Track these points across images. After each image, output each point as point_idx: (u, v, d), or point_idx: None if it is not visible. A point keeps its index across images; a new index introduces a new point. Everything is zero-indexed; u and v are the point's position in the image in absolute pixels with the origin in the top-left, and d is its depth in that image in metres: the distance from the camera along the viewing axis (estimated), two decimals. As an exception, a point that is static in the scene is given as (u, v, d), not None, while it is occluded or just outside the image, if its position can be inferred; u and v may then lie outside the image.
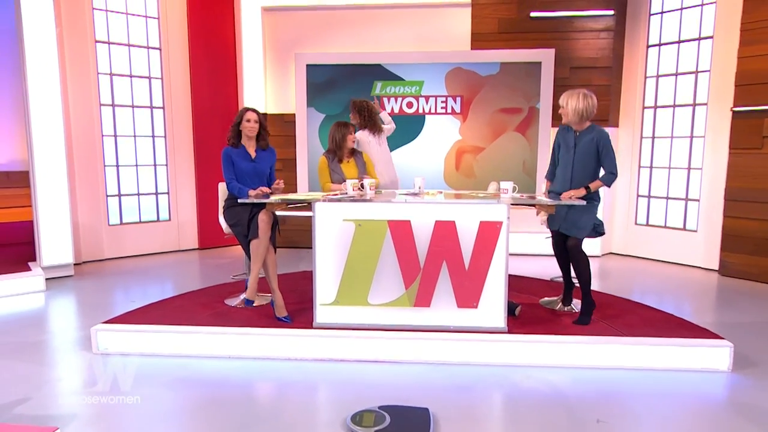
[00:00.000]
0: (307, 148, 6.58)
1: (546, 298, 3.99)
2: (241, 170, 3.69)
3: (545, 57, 6.11)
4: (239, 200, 3.54)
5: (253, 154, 3.79)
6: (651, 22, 6.18)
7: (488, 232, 3.21)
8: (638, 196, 6.42)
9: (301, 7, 6.57)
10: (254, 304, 3.72)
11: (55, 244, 5.11)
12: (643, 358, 3.06)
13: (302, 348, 3.21)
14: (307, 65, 6.49)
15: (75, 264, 5.66)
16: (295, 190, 6.66)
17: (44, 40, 4.93)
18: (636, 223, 6.45)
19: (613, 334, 3.19)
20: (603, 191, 3.82)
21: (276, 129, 6.76)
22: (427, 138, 6.43)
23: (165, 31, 6.32)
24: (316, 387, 2.92)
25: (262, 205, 3.52)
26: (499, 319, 3.26)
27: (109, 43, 5.99)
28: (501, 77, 6.24)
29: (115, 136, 6.12)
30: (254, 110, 3.76)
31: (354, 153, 4.28)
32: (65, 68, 5.59)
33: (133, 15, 6.15)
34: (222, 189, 4.01)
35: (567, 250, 3.56)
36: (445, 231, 3.23)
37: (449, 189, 6.35)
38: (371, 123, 4.57)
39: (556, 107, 4.95)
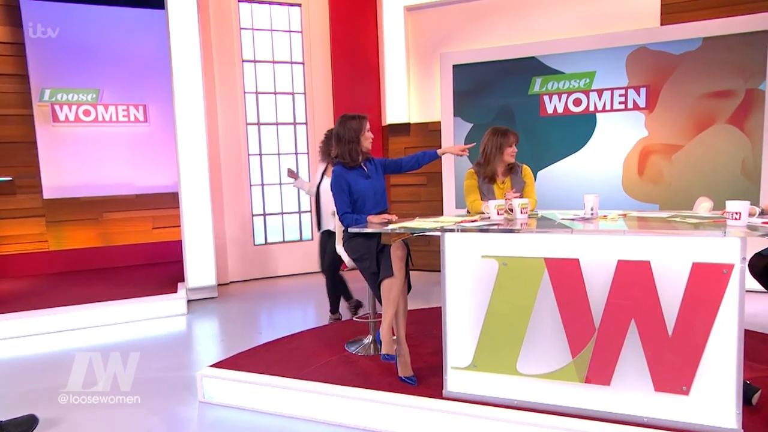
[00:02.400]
0: (455, 159, 5.81)
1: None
2: (360, 193, 3.04)
3: (775, 22, 4.51)
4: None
5: (366, 170, 3.13)
6: None
7: (708, 280, 2.08)
8: None
9: (445, 1, 5.86)
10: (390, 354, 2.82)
11: (199, 265, 5.11)
12: None
13: (428, 423, 2.43)
14: (454, 66, 5.75)
15: (222, 284, 5.68)
16: (440, 209, 5.93)
17: (190, 63, 4.98)
18: None
19: None
20: None
21: (419, 139, 6.13)
22: (600, 142, 5.20)
23: (308, 45, 6.13)
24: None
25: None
26: (727, 414, 2.10)
27: (255, 61, 5.97)
28: (703, 54, 4.77)
29: (261, 154, 6.06)
30: (366, 117, 3.11)
31: (512, 170, 3.36)
32: (214, 89, 5.66)
33: (277, 31, 6.06)
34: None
35: None
36: (633, 275, 2.19)
37: (631, 200, 5.04)
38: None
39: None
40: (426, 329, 3.54)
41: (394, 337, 2.79)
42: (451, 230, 2.46)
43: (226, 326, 4.43)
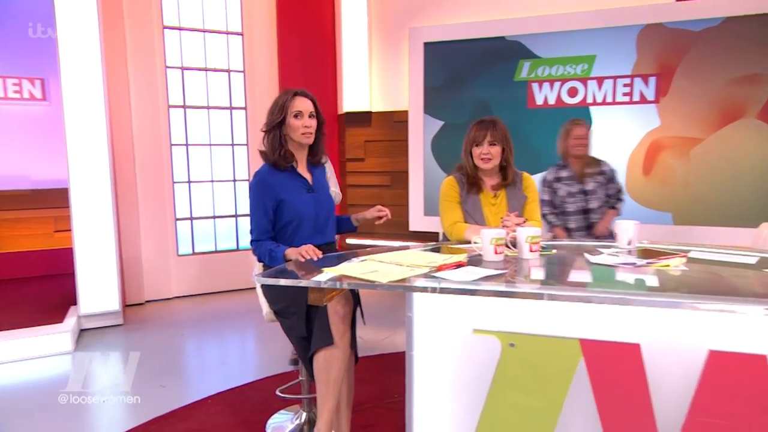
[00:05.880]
0: (424, 156, 4.85)
1: None
2: (294, 213, 2.04)
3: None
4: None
5: (308, 177, 2.12)
6: None
7: None
8: None
9: (417, -36, 4.88)
10: None
11: (97, 285, 3.97)
12: None
13: None
14: (425, 44, 4.77)
15: (135, 305, 4.58)
16: (406, 217, 4.96)
17: (84, 26, 3.81)
18: None
19: None
20: None
21: (383, 132, 5.15)
22: (598, 137, 4.33)
23: (248, 12, 5.01)
24: None
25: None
26: None
27: (180, 29, 4.82)
28: (727, 30, 3.94)
29: (187, 145, 4.93)
30: (306, 95, 2.08)
31: (507, 180, 2.33)
32: (125, 61, 4.50)
33: (210, -7, 4.93)
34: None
35: None
36: (738, 377, 1.27)
37: (638, 207, 4.20)
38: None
39: None
40: (384, 391, 2.57)
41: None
42: (423, 289, 1.47)
43: (122, 372, 3.33)
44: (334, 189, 3.02)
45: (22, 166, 5.30)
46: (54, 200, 5.43)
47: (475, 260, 1.77)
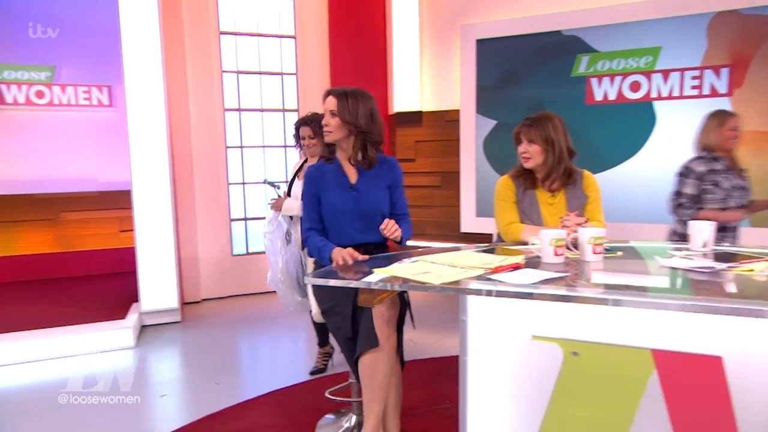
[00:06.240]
0: (476, 156, 4.74)
1: None
2: (330, 206, 2.04)
3: None
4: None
5: (353, 175, 2.09)
6: None
7: None
8: None
9: (469, -41, 4.78)
10: None
11: (157, 284, 4.12)
12: None
13: None
14: (478, 41, 4.67)
15: (192, 303, 4.73)
16: (456, 218, 4.87)
17: (146, 33, 3.96)
18: None
19: None
20: None
21: (434, 132, 5.08)
22: (664, 135, 4.09)
23: (301, 15, 5.07)
24: None
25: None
26: None
27: (236, 34, 4.94)
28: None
29: (242, 147, 5.04)
30: (332, 92, 2.05)
31: (570, 177, 2.20)
32: (185, 66, 4.65)
33: (264, -2, 5.02)
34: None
35: None
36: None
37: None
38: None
39: None
40: (435, 396, 2.50)
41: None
42: (478, 292, 1.40)
43: (180, 368, 3.44)
44: None
45: (91, 169, 5.59)
46: (119, 201, 5.69)
47: (533, 262, 1.67)
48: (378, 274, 1.57)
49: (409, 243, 2.11)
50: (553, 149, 2.17)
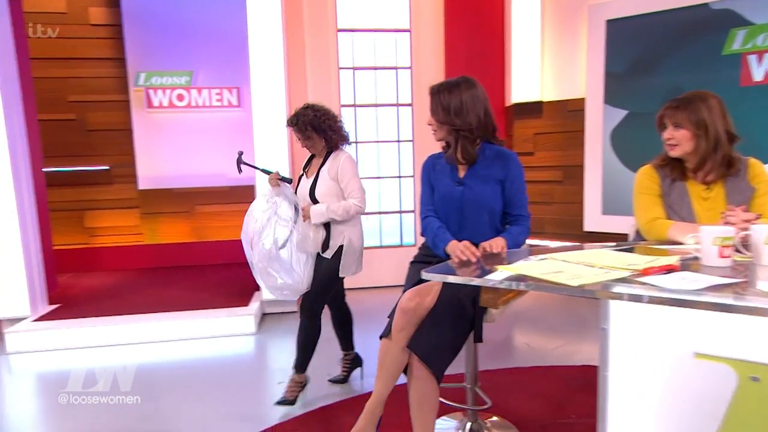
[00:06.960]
0: (603, 149, 4.35)
1: None
2: (439, 198, 2.07)
3: None
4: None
5: (462, 170, 2.04)
6: None
7: None
8: None
9: (600, -66, 4.38)
10: None
11: (277, 273, 4.31)
12: None
13: None
14: (607, 21, 4.26)
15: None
16: (580, 216, 4.51)
17: (270, 34, 4.14)
18: None
19: None
20: None
21: (555, 123, 4.75)
22: None
23: (416, 7, 5.01)
24: None
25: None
26: None
27: (352, 30, 5.00)
28: None
29: (357, 142, 5.12)
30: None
31: (730, 166, 1.88)
32: (305, 64, 4.81)
33: (379, -7, 5.03)
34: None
35: None
36: None
37: None
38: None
39: None
40: (556, 408, 2.28)
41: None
42: (626, 297, 1.20)
43: (287, 357, 3.55)
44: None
45: (221, 165, 6.03)
46: (246, 196, 6.08)
47: (688, 264, 1.43)
48: (503, 272, 1.43)
49: (527, 242, 1.97)
50: (706, 134, 1.86)
